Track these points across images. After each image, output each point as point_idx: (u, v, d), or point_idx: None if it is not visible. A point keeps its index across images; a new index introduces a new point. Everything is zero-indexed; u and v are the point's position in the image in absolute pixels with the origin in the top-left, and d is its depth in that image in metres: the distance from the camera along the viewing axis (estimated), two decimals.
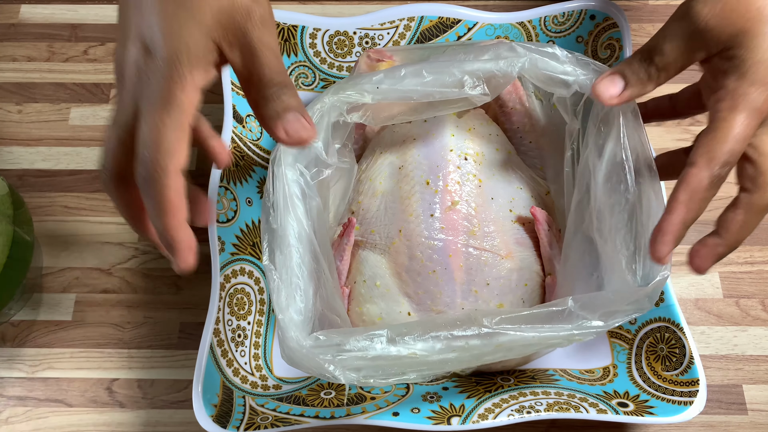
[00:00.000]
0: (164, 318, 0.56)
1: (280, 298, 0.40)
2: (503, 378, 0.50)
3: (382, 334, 0.38)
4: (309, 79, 0.61)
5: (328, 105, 0.44)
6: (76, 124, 0.63)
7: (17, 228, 0.50)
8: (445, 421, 0.45)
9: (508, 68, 0.43)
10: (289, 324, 0.39)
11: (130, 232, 0.59)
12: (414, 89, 0.43)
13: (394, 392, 0.48)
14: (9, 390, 0.53)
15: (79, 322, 0.56)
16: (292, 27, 0.59)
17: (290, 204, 0.42)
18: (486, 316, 0.39)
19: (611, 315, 0.39)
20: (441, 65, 0.43)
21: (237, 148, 0.55)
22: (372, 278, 0.47)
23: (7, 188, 0.51)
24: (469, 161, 0.48)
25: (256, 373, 0.51)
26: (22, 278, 0.52)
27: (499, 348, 0.38)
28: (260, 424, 0.45)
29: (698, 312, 0.55)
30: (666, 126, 0.62)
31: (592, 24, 0.59)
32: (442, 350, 0.38)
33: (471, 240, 0.47)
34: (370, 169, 0.50)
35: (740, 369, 0.53)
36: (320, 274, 0.43)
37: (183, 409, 0.53)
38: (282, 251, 0.41)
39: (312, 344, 0.38)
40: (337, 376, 0.38)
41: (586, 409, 0.45)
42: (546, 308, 0.39)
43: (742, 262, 0.57)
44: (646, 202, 0.41)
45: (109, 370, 0.54)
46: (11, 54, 0.66)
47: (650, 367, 0.50)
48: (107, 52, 0.66)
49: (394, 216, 0.48)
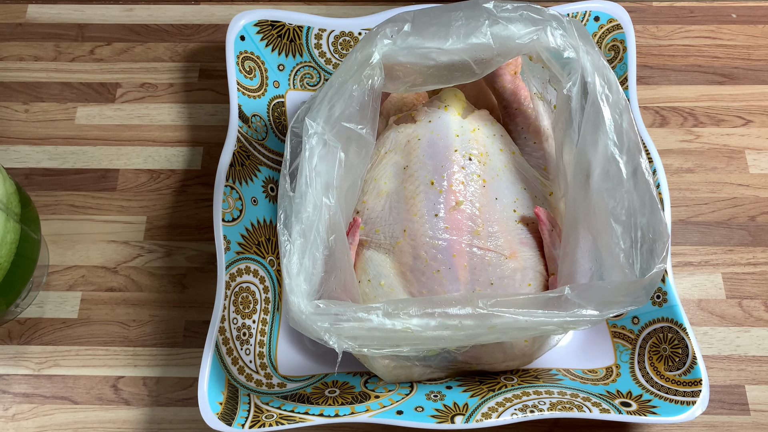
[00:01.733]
0: (169, 316, 0.56)
1: (291, 263, 0.40)
2: (507, 377, 0.50)
3: (379, 307, 0.39)
4: (314, 80, 0.62)
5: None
6: (82, 124, 0.64)
7: (24, 226, 0.51)
8: (448, 420, 0.45)
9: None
10: (295, 289, 0.40)
11: (136, 231, 0.59)
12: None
13: (398, 391, 0.48)
14: (15, 387, 0.54)
15: (85, 320, 0.56)
16: (297, 27, 0.60)
17: (311, 175, 0.42)
18: (482, 298, 0.39)
19: (607, 305, 0.39)
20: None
21: (242, 148, 0.56)
22: (377, 277, 0.48)
23: (14, 186, 0.51)
24: (474, 161, 0.49)
25: (261, 372, 0.51)
26: (29, 276, 0.53)
27: (493, 330, 0.39)
28: (265, 422, 0.45)
29: (701, 313, 0.56)
30: (669, 127, 0.62)
31: (596, 25, 0.59)
32: (436, 327, 0.39)
33: (475, 240, 0.47)
34: (375, 168, 0.51)
35: (743, 370, 0.54)
36: (338, 254, 0.43)
37: (188, 406, 0.53)
38: (297, 218, 0.41)
39: (312, 311, 0.39)
40: (332, 343, 0.39)
41: (589, 408, 0.46)
42: (543, 295, 0.40)
43: (745, 263, 0.57)
44: (641, 195, 0.41)
45: (114, 368, 0.54)
46: (18, 53, 0.66)
47: (653, 367, 0.50)
48: (113, 51, 0.66)
49: (399, 216, 0.48)
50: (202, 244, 0.59)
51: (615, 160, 0.42)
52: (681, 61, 0.65)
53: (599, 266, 0.43)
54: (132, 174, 0.61)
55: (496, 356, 0.48)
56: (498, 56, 0.45)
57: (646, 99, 0.63)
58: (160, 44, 0.67)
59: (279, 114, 0.60)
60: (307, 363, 0.53)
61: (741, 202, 0.59)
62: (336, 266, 0.43)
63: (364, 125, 0.45)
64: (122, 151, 0.62)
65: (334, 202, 0.43)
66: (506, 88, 0.53)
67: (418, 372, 0.49)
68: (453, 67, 0.45)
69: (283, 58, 0.61)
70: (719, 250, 0.58)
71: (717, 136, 0.62)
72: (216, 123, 0.63)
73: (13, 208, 0.50)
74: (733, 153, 0.61)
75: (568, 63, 0.45)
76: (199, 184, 0.61)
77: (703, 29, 0.66)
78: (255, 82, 0.59)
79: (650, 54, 0.65)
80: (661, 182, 0.54)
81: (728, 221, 0.59)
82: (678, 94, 0.64)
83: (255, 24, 0.59)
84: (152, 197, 0.60)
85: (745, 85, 0.64)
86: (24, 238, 0.51)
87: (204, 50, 0.66)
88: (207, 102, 0.64)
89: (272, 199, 0.57)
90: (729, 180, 0.60)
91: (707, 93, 0.64)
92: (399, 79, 0.46)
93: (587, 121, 0.43)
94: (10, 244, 0.49)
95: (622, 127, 0.43)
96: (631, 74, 0.57)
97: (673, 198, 0.59)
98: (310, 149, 0.43)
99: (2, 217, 0.48)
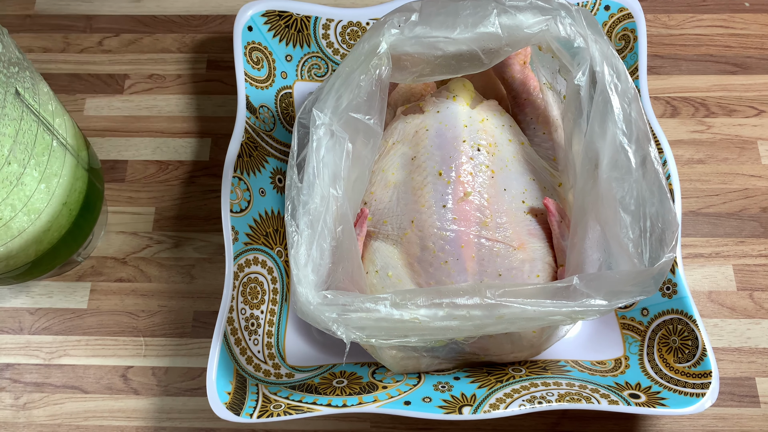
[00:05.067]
0: (178, 307, 0.56)
1: (299, 254, 0.41)
2: (515, 368, 0.50)
3: (387, 298, 0.39)
4: (322, 70, 0.61)
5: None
6: (91, 115, 0.64)
7: (91, 176, 0.53)
8: (456, 411, 0.45)
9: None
10: (302, 280, 0.40)
11: (144, 221, 0.59)
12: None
13: (405, 381, 0.48)
14: (26, 376, 0.54)
15: (95, 311, 0.56)
16: (305, 18, 0.59)
17: (318, 166, 0.42)
18: (490, 288, 0.39)
19: (616, 295, 0.39)
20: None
21: (250, 139, 0.56)
22: (384, 268, 0.48)
23: (84, 139, 0.53)
24: (482, 152, 0.48)
25: (269, 362, 0.51)
26: (92, 226, 0.55)
27: (501, 320, 0.39)
28: (273, 412, 0.45)
29: (711, 304, 0.55)
30: (681, 117, 0.62)
31: (606, 14, 0.58)
32: (444, 318, 0.39)
33: (483, 231, 0.47)
34: (383, 159, 0.50)
35: (753, 362, 0.53)
36: (346, 245, 0.43)
37: (197, 396, 0.53)
38: (305, 209, 0.41)
39: (320, 302, 0.40)
40: (340, 334, 0.39)
41: (598, 400, 0.45)
42: (551, 284, 0.40)
43: (756, 255, 0.57)
44: (650, 184, 0.41)
45: (124, 358, 0.55)
46: (27, 45, 0.67)
47: (662, 359, 0.49)
48: (122, 43, 0.67)
49: (407, 206, 0.48)
50: (210, 235, 0.59)
51: (624, 149, 0.42)
52: (693, 50, 0.64)
53: (608, 256, 0.43)
54: (140, 165, 0.62)
55: (504, 347, 0.48)
56: (506, 46, 0.45)
57: (657, 89, 0.63)
58: (168, 35, 0.67)
59: (287, 105, 0.60)
60: (315, 353, 0.53)
61: (753, 194, 0.59)
62: (343, 257, 0.43)
63: (372, 116, 0.44)
64: (131, 143, 0.62)
65: (342, 193, 0.43)
66: (515, 78, 0.53)
67: (425, 363, 0.49)
68: (461, 56, 0.45)
69: (290, 48, 0.60)
70: (730, 242, 0.57)
71: (729, 127, 0.61)
72: (224, 114, 0.63)
73: (83, 156, 0.52)
74: (745, 144, 0.61)
75: (578, 52, 0.44)
76: (208, 175, 0.61)
77: (716, 18, 0.65)
78: (263, 73, 0.59)
79: (661, 43, 0.64)
80: (671, 173, 0.53)
81: (740, 212, 0.58)
82: (689, 84, 0.63)
83: (262, 14, 0.59)
84: (161, 188, 0.61)
85: (758, 75, 0.63)
86: (90, 186, 0.52)
87: (212, 41, 0.66)
88: (215, 93, 0.64)
89: (280, 190, 0.57)
90: (741, 171, 0.60)
91: (719, 83, 0.63)
92: (407, 69, 0.46)
93: (596, 111, 0.43)
94: (79, 193, 0.51)
95: (630, 116, 0.42)
96: (641, 64, 0.57)
97: (683, 189, 0.59)
98: (318, 140, 0.43)
99: (73, 162, 0.49)
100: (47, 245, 0.50)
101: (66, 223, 0.51)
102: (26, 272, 0.52)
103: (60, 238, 0.51)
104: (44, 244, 0.50)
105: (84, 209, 0.52)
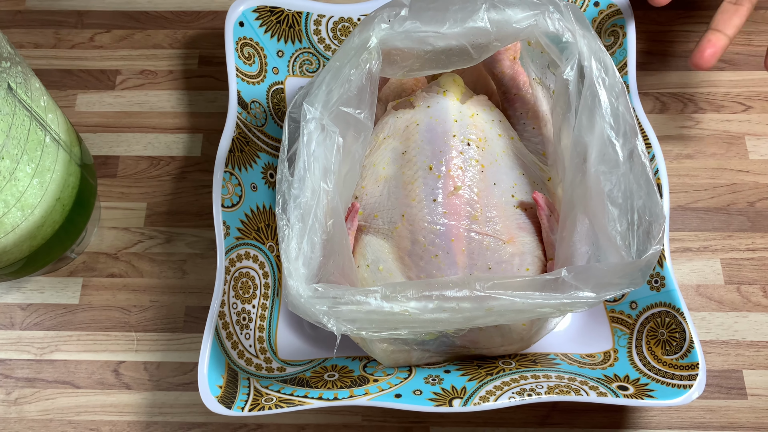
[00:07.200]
0: (170, 302, 0.57)
1: (289, 248, 0.41)
2: (505, 362, 0.50)
3: (377, 290, 0.40)
4: (313, 66, 0.62)
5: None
6: (82, 110, 0.64)
7: (83, 171, 0.53)
8: (446, 403, 0.45)
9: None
10: (293, 273, 0.40)
11: (136, 217, 0.59)
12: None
13: (396, 375, 0.49)
14: (18, 372, 0.54)
15: (87, 306, 0.57)
16: (296, 13, 0.59)
17: (309, 160, 0.42)
18: (479, 280, 0.39)
19: (604, 287, 0.39)
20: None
21: (242, 134, 0.56)
22: (375, 262, 0.48)
23: (76, 135, 0.53)
24: (472, 147, 0.49)
25: (261, 356, 0.51)
26: (86, 222, 0.55)
27: (490, 312, 0.39)
28: (264, 405, 0.45)
29: (699, 298, 0.56)
30: (669, 113, 0.62)
31: (596, 11, 0.59)
32: (433, 310, 0.39)
33: (473, 225, 0.47)
34: (374, 154, 0.51)
35: (740, 354, 0.54)
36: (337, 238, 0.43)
37: (189, 391, 0.53)
38: (296, 203, 0.42)
39: (310, 295, 0.40)
40: (331, 326, 0.39)
41: (587, 392, 0.46)
42: (540, 277, 0.40)
43: (743, 249, 0.57)
44: (637, 177, 0.41)
45: (115, 353, 0.55)
46: (18, 41, 0.67)
47: (651, 351, 0.50)
48: (113, 39, 0.67)
49: (397, 201, 0.48)
50: (202, 230, 0.59)
51: (611, 143, 0.42)
52: (681, 47, 0.65)
53: (596, 249, 0.44)
54: (132, 161, 0.62)
55: (494, 340, 0.48)
56: (495, 41, 0.45)
57: (646, 85, 0.63)
58: (160, 31, 0.67)
59: (278, 100, 0.60)
60: (306, 347, 0.53)
61: (740, 188, 0.59)
62: (334, 251, 0.43)
63: (362, 110, 0.45)
64: (122, 138, 0.62)
65: (333, 187, 0.43)
66: (505, 73, 0.53)
67: (416, 356, 0.49)
68: (450, 51, 0.45)
69: (282, 44, 0.61)
70: (718, 236, 0.58)
71: (717, 122, 0.62)
72: (216, 110, 0.64)
73: (75, 152, 0.51)
74: (732, 139, 0.61)
75: (566, 47, 0.45)
76: (199, 171, 0.61)
77: (704, 15, 0.66)
78: (254, 69, 0.59)
79: (651, 40, 0.65)
80: (660, 168, 0.54)
81: (727, 207, 0.59)
82: (678, 80, 0.64)
83: (254, 10, 0.59)
84: (152, 184, 0.61)
85: (746, 71, 0.64)
86: (83, 181, 0.53)
87: (203, 37, 0.66)
88: (207, 89, 0.64)
89: (272, 185, 0.57)
90: (728, 166, 0.60)
91: (707, 79, 0.63)
92: (397, 63, 0.46)
93: (584, 105, 0.43)
94: (72, 188, 0.51)
95: (618, 110, 0.43)
96: (630, 60, 0.57)
97: (672, 184, 0.59)
98: (308, 134, 0.43)
99: (65, 157, 0.49)
100: (41, 241, 0.50)
101: (59, 218, 0.51)
102: (21, 269, 0.52)
103: (53, 233, 0.51)
104: (38, 240, 0.50)
105: (77, 205, 0.52)
